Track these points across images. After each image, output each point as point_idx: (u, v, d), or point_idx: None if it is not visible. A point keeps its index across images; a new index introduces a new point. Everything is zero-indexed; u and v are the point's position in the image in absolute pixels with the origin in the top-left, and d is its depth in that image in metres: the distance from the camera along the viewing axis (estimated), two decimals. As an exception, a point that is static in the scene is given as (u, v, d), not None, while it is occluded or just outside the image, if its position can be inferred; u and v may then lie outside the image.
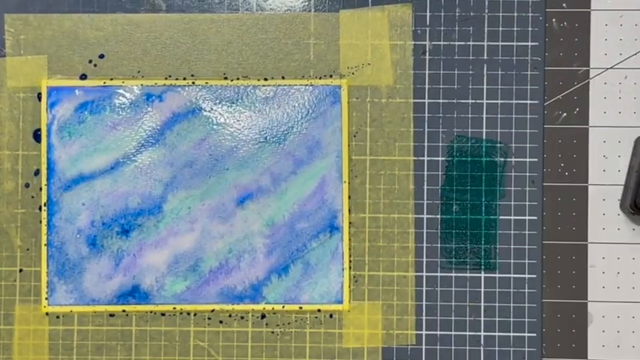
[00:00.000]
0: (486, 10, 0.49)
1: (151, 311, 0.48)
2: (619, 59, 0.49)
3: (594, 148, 0.48)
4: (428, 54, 0.49)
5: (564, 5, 0.49)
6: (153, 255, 0.48)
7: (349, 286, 0.48)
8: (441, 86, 0.48)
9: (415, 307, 0.48)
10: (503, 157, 0.48)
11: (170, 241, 0.48)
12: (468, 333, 0.48)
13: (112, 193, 0.48)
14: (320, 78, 0.48)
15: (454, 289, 0.48)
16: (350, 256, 0.48)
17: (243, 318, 0.48)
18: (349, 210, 0.48)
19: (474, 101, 0.48)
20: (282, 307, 0.48)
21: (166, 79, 0.49)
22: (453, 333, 0.48)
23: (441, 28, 0.49)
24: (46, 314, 0.48)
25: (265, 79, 0.49)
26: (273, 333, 0.48)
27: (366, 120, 0.48)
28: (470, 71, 0.48)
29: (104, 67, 0.49)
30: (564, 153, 0.49)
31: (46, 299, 0.48)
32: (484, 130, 0.48)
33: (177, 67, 0.49)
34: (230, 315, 0.48)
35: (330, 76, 0.48)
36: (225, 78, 0.49)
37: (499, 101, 0.48)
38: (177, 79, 0.49)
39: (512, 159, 0.48)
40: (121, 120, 0.49)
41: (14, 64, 0.49)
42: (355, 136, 0.48)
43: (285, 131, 0.48)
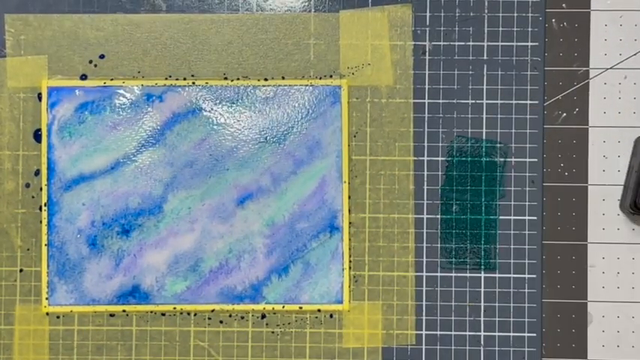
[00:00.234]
0: (486, 11, 0.49)
1: (151, 311, 0.48)
2: (619, 59, 0.49)
3: (594, 148, 0.48)
4: (428, 54, 0.49)
5: (564, 5, 0.49)
6: (153, 255, 0.48)
7: (349, 286, 0.48)
8: (441, 86, 0.48)
9: (415, 307, 0.48)
10: (503, 157, 0.48)
11: (170, 241, 0.48)
12: (468, 333, 0.48)
13: (112, 193, 0.48)
14: (320, 78, 0.48)
15: (454, 289, 0.48)
16: (350, 256, 0.48)
17: (243, 318, 0.48)
18: (349, 210, 0.48)
19: (473, 101, 0.48)
20: (282, 307, 0.48)
21: (166, 79, 0.49)
22: (453, 333, 0.48)
23: (441, 28, 0.49)
24: (47, 314, 0.48)
25: (265, 79, 0.49)
26: (273, 333, 0.48)
27: (366, 120, 0.48)
28: (470, 71, 0.48)
29: (104, 67, 0.49)
30: (564, 153, 0.49)
31: (47, 299, 0.48)
32: (484, 130, 0.48)
33: (177, 67, 0.49)
34: (230, 315, 0.48)
35: (330, 77, 0.48)
36: (225, 78, 0.49)
37: (499, 101, 0.48)
38: (177, 79, 0.49)
39: (512, 159, 0.48)
40: (122, 120, 0.49)
41: (14, 64, 0.49)
42: (355, 136, 0.48)
43: (285, 131, 0.48)
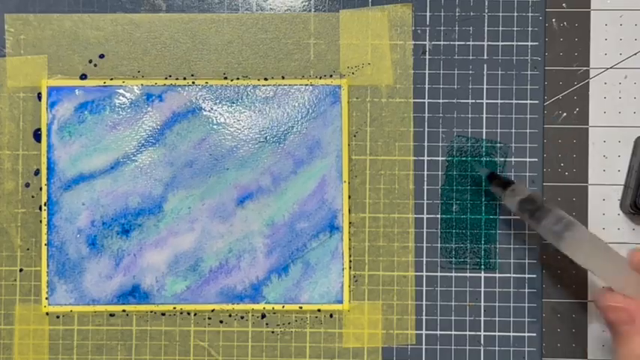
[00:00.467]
0: (486, 10, 0.49)
1: (151, 311, 0.48)
2: (619, 59, 0.49)
3: (594, 147, 0.48)
4: (428, 54, 0.49)
5: (564, 5, 0.49)
6: (153, 255, 0.48)
7: (349, 286, 0.48)
8: (441, 86, 0.48)
9: (415, 307, 0.48)
10: (503, 156, 0.48)
11: (170, 241, 0.48)
12: (468, 333, 0.48)
13: (112, 192, 0.48)
14: (320, 78, 0.48)
15: (454, 289, 0.48)
16: (350, 256, 0.48)
17: (243, 318, 0.48)
18: (349, 210, 0.48)
19: (473, 101, 0.48)
20: (282, 306, 0.48)
21: (166, 79, 0.49)
22: (452, 333, 0.48)
23: (441, 28, 0.49)
24: (47, 314, 0.48)
25: (265, 79, 0.49)
26: (273, 333, 0.48)
27: (366, 120, 0.48)
28: (470, 71, 0.48)
29: (104, 67, 0.49)
30: (564, 153, 0.48)
31: (47, 299, 0.48)
32: (484, 130, 0.48)
33: (177, 67, 0.49)
34: (230, 315, 0.48)
35: (330, 76, 0.48)
36: (225, 78, 0.49)
37: (499, 101, 0.48)
38: (177, 79, 0.49)
39: (512, 159, 0.48)
40: (121, 120, 0.49)
41: (14, 64, 0.49)
42: (355, 136, 0.48)
43: (285, 131, 0.48)
